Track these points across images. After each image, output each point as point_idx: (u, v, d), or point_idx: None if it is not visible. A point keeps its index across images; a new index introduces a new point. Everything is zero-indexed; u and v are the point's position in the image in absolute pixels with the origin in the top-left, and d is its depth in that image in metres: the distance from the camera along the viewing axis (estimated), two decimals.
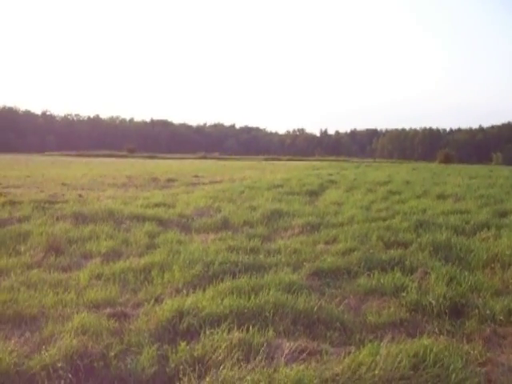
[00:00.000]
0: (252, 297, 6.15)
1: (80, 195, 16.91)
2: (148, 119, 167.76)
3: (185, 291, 6.61)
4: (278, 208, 14.00)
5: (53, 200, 15.13)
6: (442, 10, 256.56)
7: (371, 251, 9.04)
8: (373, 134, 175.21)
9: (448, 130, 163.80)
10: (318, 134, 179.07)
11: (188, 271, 7.41)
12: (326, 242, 10.19)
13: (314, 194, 19.74)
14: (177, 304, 5.83)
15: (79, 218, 11.85)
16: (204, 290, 6.62)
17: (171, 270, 7.57)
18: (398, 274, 7.53)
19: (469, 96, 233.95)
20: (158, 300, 6.40)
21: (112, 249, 9.18)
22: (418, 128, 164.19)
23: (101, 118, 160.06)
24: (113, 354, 4.80)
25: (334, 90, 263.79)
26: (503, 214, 13.26)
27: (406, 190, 20.63)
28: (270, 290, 6.42)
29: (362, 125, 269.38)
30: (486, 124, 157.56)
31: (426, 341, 5.05)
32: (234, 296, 6.21)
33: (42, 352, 4.70)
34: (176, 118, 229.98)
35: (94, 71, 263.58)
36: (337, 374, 4.43)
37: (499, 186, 21.64)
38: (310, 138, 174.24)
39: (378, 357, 4.67)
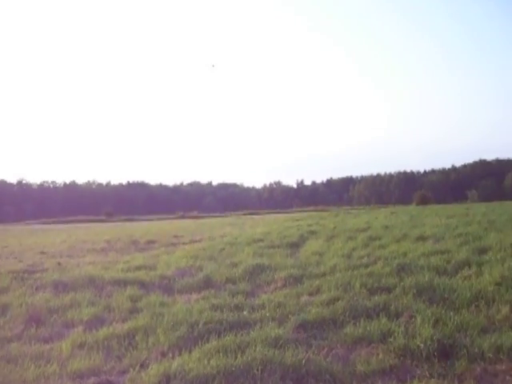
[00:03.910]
0: (239, 355, 6.09)
1: (59, 263, 16.63)
2: (124, 182, 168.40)
3: (170, 354, 6.51)
4: (260, 262, 13.89)
5: (32, 269, 14.86)
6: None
7: (355, 299, 8.98)
8: (349, 181, 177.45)
9: (422, 171, 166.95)
10: (294, 186, 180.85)
11: (173, 333, 7.31)
12: (310, 294, 10.13)
13: (294, 245, 19.64)
14: (163, 368, 5.74)
15: (59, 287, 11.66)
16: (190, 351, 6.54)
17: (155, 333, 7.46)
18: (384, 320, 7.52)
19: (438, 137, 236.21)
20: (143, 365, 6.27)
21: (94, 316, 9.01)
22: (392, 172, 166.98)
23: (77, 184, 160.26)
24: None
25: (307, 139, 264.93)
26: (483, 251, 13.26)
27: (386, 234, 20.65)
28: (256, 346, 6.37)
29: (337, 173, 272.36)
30: (458, 163, 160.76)
31: None
32: (221, 355, 6.15)
33: None
34: (152, 179, 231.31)
35: (68, 138, 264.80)
36: None
37: (477, 223, 21.74)
38: (287, 189, 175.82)
39: None
